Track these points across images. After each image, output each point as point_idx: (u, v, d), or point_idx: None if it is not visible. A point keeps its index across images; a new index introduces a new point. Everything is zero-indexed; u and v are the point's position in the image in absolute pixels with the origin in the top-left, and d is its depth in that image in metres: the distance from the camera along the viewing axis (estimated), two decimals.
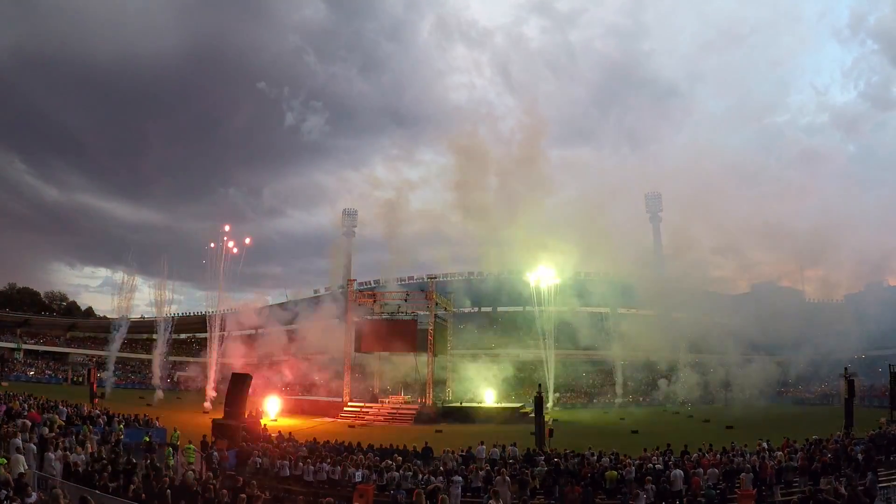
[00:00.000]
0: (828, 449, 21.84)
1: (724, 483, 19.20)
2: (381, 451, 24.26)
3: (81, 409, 30.16)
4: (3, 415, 22.37)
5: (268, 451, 23.25)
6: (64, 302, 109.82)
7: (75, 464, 15.67)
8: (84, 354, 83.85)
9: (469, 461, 22.74)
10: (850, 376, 34.25)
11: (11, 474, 12.28)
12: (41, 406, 28.31)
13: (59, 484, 13.04)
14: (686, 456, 22.61)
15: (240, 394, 29.53)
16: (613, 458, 22.15)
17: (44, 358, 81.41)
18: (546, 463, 21.78)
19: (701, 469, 19.84)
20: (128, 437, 25.33)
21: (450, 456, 23.21)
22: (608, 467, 20.63)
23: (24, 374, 71.21)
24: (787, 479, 19.81)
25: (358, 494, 17.63)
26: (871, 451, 20.56)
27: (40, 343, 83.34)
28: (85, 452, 17.18)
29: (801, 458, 20.62)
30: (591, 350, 65.93)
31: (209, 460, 21.60)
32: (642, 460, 21.35)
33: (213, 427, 27.62)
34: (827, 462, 19.72)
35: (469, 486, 19.49)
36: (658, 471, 19.57)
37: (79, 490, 13.02)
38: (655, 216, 68.48)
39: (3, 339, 79.06)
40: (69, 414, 27.23)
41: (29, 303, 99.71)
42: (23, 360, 77.66)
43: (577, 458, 22.30)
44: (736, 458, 21.35)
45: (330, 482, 20.36)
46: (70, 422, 24.77)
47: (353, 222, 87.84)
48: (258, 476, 20.31)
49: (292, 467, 21.06)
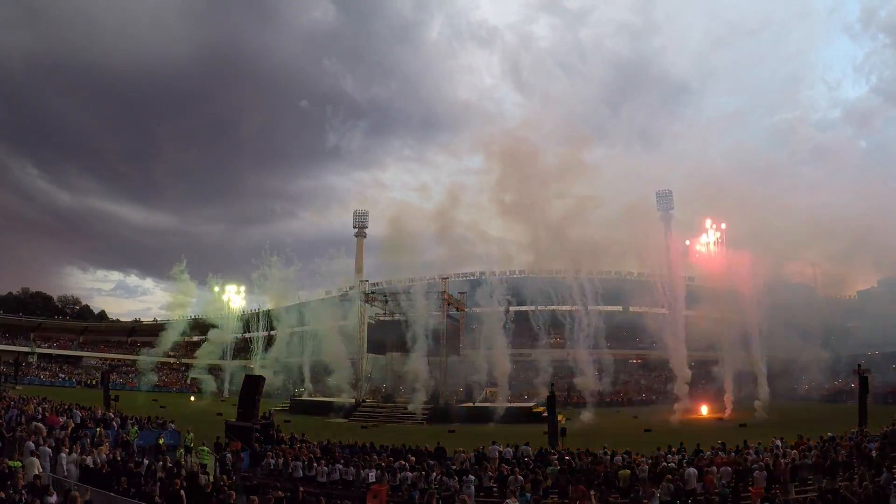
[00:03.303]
0: (842, 446, 21.73)
1: (738, 481, 19.11)
2: (394, 452, 24.29)
3: (95, 412, 30.35)
4: (18, 418, 22.59)
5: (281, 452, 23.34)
6: (77, 306, 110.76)
7: (91, 465, 15.79)
8: (97, 358, 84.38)
9: (482, 461, 22.73)
10: (863, 373, 34.05)
11: (26, 477, 12.41)
12: (55, 409, 28.51)
13: (74, 486, 13.13)
14: (699, 454, 22.54)
15: (253, 395, 29.59)
16: (626, 456, 22.10)
17: (57, 361, 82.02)
18: (559, 462, 21.76)
19: (714, 467, 19.77)
20: (142, 439, 25.45)
21: (462, 456, 23.23)
22: (621, 466, 20.58)
23: (38, 378, 71.64)
24: (802, 476, 19.71)
25: (372, 495, 17.66)
26: (885, 449, 20.41)
27: (54, 347, 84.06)
28: (99, 455, 17.29)
29: (815, 455, 20.49)
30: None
31: (223, 462, 21.68)
32: (656, 459, 21.29)
33: (227, 429, 27.70)
34: (841, 460, 19.61)
35: (482, 485, 19.52)
36: (672, 469, 19.52)
37: (94, 492, 13.13)
38: (667, 214, 68.12)
39: (17, 343, 79.70)
40: (83, 417, 27.42)
41: (42, 307, 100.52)
42: (36, 364, 78.20)
43: (590, 458, 22.28)
44: (749, 456, 21.26)
45: (343, 483, 20.44)
46: (84, 425, 24.94)
47: (365, 223, 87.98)
48: (272, 477, 20.41)
49: (306, 468, 21.12)
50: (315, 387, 64.40)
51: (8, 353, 76.16)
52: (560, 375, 57.14)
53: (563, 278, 55.54)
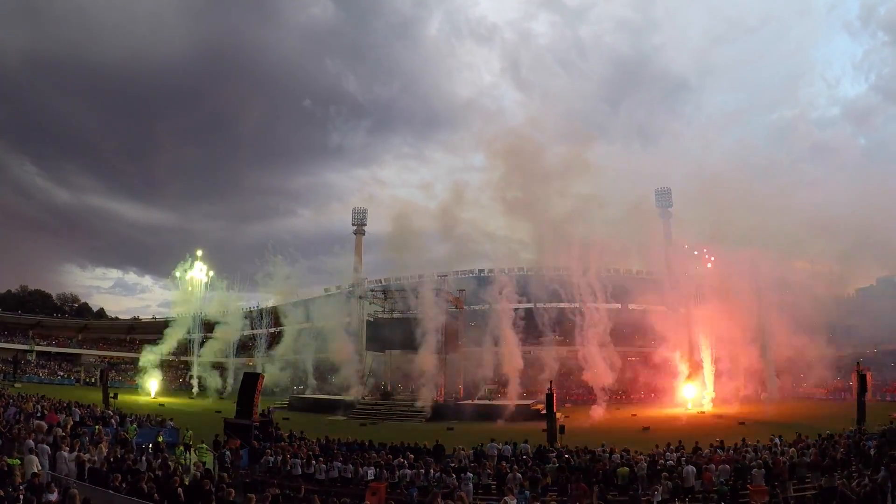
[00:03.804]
0: (840, 444, 21.77)
1: (736, 479, 19.13)
2: (392, 449, 24.31)
3: (94, 410, 30.38)
4: (17, 416, 22.60)
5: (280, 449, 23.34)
6: (76, 303, 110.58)
7: (90, 463, 15.78)
8: (96, 355, 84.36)
9: (480, 458, 22.75)
10: (862, 371, 34.10)
11: (25, 475, 12.41)
12: (54, 407, 28.53)
13: (73, 484, 13.12)
14: (698, 452, 22.57)
15: (251, 393, 29.58)
16: (625, 454, 22.12)
17: (56, 359, 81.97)
18: (557, 459, 21.78)
19: (713, 465, 19.80)
20: (140, 437, 25.49)
21: (461, 453, 23.25)
22: (620, 464, 20.60)
23: (37, 376, 71.57)
24: (800, 474, 19.74)
25: (370, 492, 17.69)
26: (883, 446, 20.44)
27: (53, 344, 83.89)
28: (99, 453, 17.29)
29: (813, 453, 20.53)
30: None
31: (221, 460, 21.69)
32: (654, 456, 21.32)
33: (226, 426, 27.71)
34: (839, 457, 19.64)
35: (480, 483, 19.54)
36: (670, 467, 19.55)
37: (93, 490, 13.13)
38: (665, 211, 68.11)
39: (16, 341, 79.64)
40: (82, 415, 27.45)
41: (41, 304, 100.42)
42: (35, 362, 78.19)
43: (589, 455, 22.30)
44: (748, 453, 21.28)
45: (342, 480, 20.44)
46: (83, 422, 24.96)
47: (364, 220, 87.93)
48: (270, 475, 20.42)
49: (304, 466, 21.14)
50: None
51: (6, 351, 76.01)
52: (566, 372, 57.30)
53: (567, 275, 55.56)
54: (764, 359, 50.90)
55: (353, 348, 57.21)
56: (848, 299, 68.02)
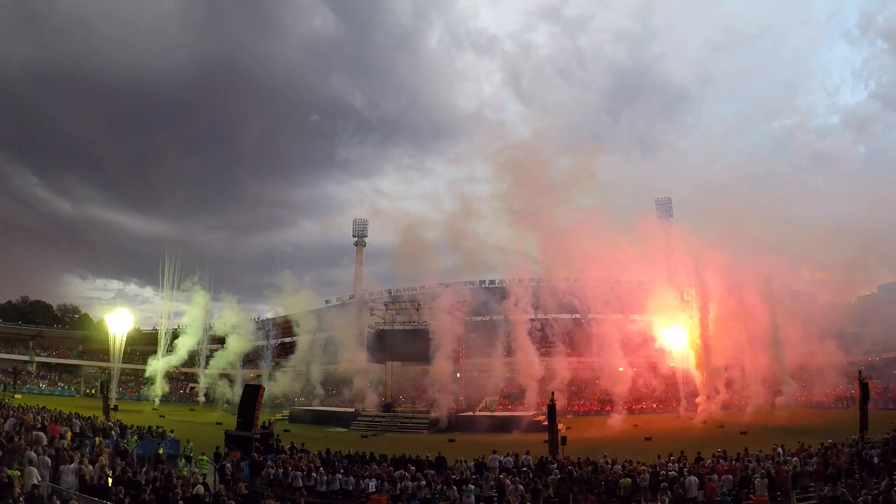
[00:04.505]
0: (843, 453, 21.67)
1: (739, 489, 19.04)
2: (394, 461, 24.20)
3: (95, 421, 30.28)
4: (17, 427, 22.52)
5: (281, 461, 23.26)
6: (76, 314, 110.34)
7: (91, 474, 15.73)
8: (96, 367, 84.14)
9: (482, 470, 22.64)
10: (864, 379, 33.97)
11: (25, 486, 12.36)
12: (54, 418, 28.44)
13: (74, 496, 13.08)
14: (700, 462, 22.47)
15: (252, 405, 29.50)
16: (627, 465, 22.01)
17: (56, 370, 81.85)
18: (559, 471, 21.68)
19: (716, 475, 19.71)
20: (141, 448, 25.40)
21: (463, 465, 23.14)
22: (622, 475, 20.50)
23: (37, 387, 71.44)
24: (803, 484, 19.66)
25: None
26: (886, 455, 20.36)
27: (53, 355, 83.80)
28: (99, 465, 17.24)
29: (816, 462, 20.45)
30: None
31: (222, 472, 21.61)
32: (656, 467, 21.22)
33: (226, 438, 27.62)
34: (842, 467, 19.56)
35: (482, 495, 19.44)
36: (673, 478, 19.46)
37: (93, 502, 13.09)
38: (666, 221, 68.11)
39: (17, 352, 79.50)
40: (82, 426, 27.36)
41: (42, 315, 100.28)
42: (36, 373, 78.02)
43: (591, 466, 22.20)
44: (751, 463, 21.19)
45: (343, 493, 20.35)
46: (83, 434, 24.88)
47: (365, 232, 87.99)
48: (271, 487, 20.32)
49: (305, 478, 21.04)
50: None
51: (7, 362, 75.90)
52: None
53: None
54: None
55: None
56: (850, 307, 68.02)
